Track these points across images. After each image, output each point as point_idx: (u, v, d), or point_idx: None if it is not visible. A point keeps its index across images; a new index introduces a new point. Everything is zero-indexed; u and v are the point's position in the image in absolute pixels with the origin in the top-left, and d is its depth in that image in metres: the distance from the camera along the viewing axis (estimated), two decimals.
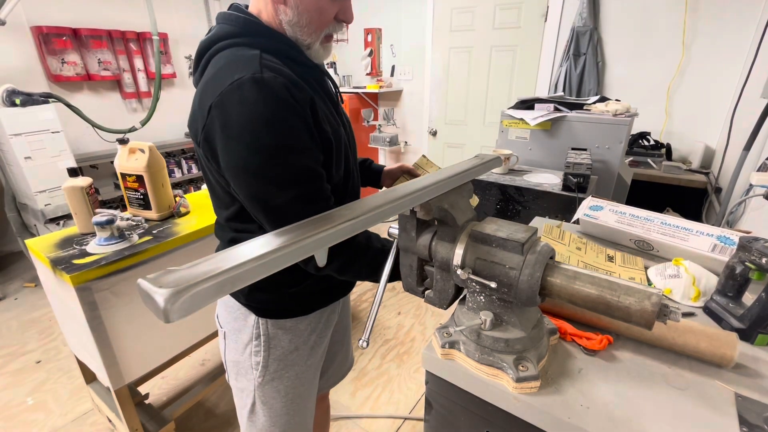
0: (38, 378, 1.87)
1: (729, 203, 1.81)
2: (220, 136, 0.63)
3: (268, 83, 0.62)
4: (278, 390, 0.86)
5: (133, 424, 1.31)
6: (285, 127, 0.63)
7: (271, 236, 0.40)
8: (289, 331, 0.84)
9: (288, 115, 0.63)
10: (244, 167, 0.64)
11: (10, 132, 2.38)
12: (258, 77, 0.61)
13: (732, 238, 0.83)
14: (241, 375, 0.87)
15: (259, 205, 0.67)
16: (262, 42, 0.69)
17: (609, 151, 1.74)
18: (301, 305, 0.84)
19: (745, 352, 0.64)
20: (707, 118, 2.39)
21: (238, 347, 0.85)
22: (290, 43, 0.72)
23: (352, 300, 2.49)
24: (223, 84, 0.62)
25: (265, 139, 0.61)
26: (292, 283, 0.79)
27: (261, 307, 0.81)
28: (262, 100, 0.61)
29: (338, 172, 0.76)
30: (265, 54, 0.67)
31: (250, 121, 0.61)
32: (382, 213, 0.48)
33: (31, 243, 1.24)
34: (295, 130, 0.64)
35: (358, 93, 3.60)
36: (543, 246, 0.57)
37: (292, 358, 0.85)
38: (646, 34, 2.47)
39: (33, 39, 2.94)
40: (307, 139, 0.66)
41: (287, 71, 0.66)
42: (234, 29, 0.70)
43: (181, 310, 0.30)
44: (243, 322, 0.83)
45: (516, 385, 0.56)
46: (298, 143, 0.65)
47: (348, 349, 1.14)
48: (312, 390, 0.93)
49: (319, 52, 0.75)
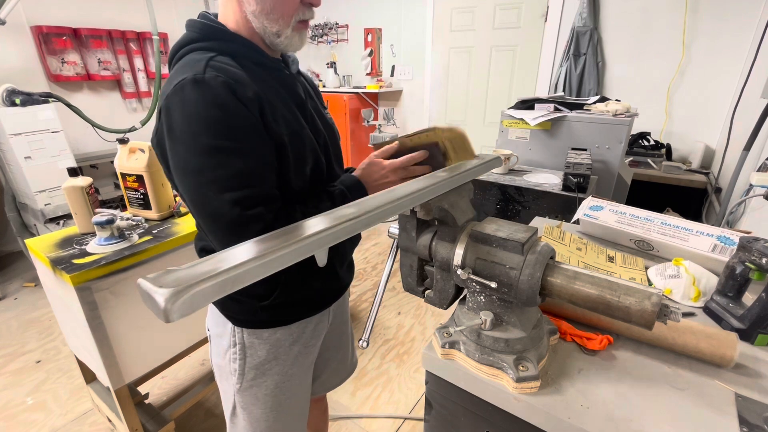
0: (38, 378, 1.87)
1: (729, 203, 1.81)
2: (167, 139, 0.64)
3: (208, 83, 0.61)
4: (257, 397, 0.85)
5: (133, 424, 1.31)
6: (223, 127, 0.61)
7: (271, 236, 0.40)
8: (266, 341, 0.82)
9: (227, 115, 0.62)
10: (184, 169, 0.63)
11: (10, 132, 2.38)
12: (199, 78, 0.61)
13: (732, 238, 0.83)
14: (223, 378, 0.87)
15: (197, 209, 0.65)
16: (219, 45, 0.69)
17: (609, 151, 1.74)
18: (276, 317, 0.81)
19: (745, 352, 0.64)
20: (707, 118, 2.39)
21: (220, 352, 0.85)
22: (249, 45, 0.72)
23: (351, 300, 2.49)
24: (169, 88, 0.63)
25: (202, 139, 0.60)
26: (261, 296, 0.76)
27: (236, 317, 0.80)
28: (202, 100, 0.60)
29: (300, 177, 0.73)
30: (220, 56, 0.67)
31: (189, 123, 0.61)
32: (382, 213, 0.48)
33: (31, 243, 1.24)
34: (236, 131, 0.62)
35: (358, 93, 3.60)
36: (543, 246, 0.57)
37: (270, 367, 0.84)
38: (646, 34, 2.47)
39: (33, 39, 2.94)
40: (252, 140, 0.64)
41: (235, 71, 0.65)
42: (194, 35, 0.71)
43: (181, 310, 0.30)
44: (223, 328, 0.82)
45: (516, 385, 0.56)
46: (239, 144, 0.62)
47: (346, 354, 1.11)
48: (297, 398, 0.91)
49: (293, 40, 0.74)
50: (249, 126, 0.63)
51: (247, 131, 0.63)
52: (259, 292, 0.76)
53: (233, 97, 0.62)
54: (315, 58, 4.17)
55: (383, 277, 0.71)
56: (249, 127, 0.63)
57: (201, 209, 0.64)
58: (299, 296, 0.81)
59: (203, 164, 0.61)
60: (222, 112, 0.61)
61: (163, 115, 0.63)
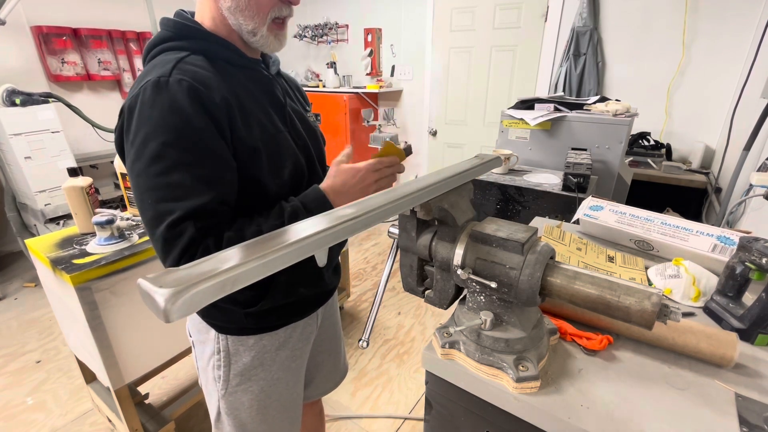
0: (38, 378, 1.87)
1: (729, 203, 1.81)
2: (124, 139, 0.64)
3: (170, 87, 0.60)
4: (242, 402, 0.83)
5: (133, 424, 1.31)
6: (174, 136, 0.59)
7: (271, 236, 0.40)
8: (251, 348, 0.80)
9: (182, 124, 0.60)
10: (130, 170, 0.62)
11: (10, 132, 2.38)
12: (162, 81, 0.60)
13: (732, 238, 0.83)
14: (207, 384, 0.86)
15: (140, 213, 0.63)
16: (192, 44, 0.68)
17: (609, 151, 1.74)
18: (261, 324, 0.80)
19: (745, 352, 0.64)
20: (707, 118, 2.39)
21: (204, 358, 0.83)
22: (224, 44, 0.70)
23: (351, 300, 2.49)
24: (135, 88, 0.63)
25: (152, 145, 0.59)
26: (247, 304, 0.74)
27: (220, 325, 0.79)
28: (159, 105, 0.59)
29: (277, 181, 0.71)
30: (193, 56, 0.66)
31: (144, 126, 0.60)
32: (382, 213, 0.48)
33: (31, 243, 1.24)
34: (186, 141, 0.60)
35: (358, 93, 3.60)
36: (543, 246, 0.57)
37: (255, 373, 0.82)
38: (646, 34, 2.47)
39: (33, 39, 2.94)
40: (203, 151, 0.62)
41: (204, 73, 0.64)
42: (168, 33, 0.70)
43: (181, 309, 0.30)
44: (206, 335, 0.81)
45: (516, 385, 0.56)
46: (185, 155, 0.60)
47: (338, 359, 1.09)
48: (286, 402, 0.89)
49: (269, 40, 0.71)
50: (204, 136, 0.61)
51: (198, 142, 0.61)
52: (245, 300, 0.73)
53: (194, 104, 0.60)
54: (315, 58, 4.17)
55: (383, 277, 0.71)
56: (203, 137, 0.61)
57: (141, 214, 0.63)
58: (285, 302, 0.78)
59: (147, 170, 0.60)
60: (177, 120, 0.59)
61: (125, 114, 0.63)
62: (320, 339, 0.98)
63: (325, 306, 0.94)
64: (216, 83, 0.65)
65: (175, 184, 0.60)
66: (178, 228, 0.59)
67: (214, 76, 0.66)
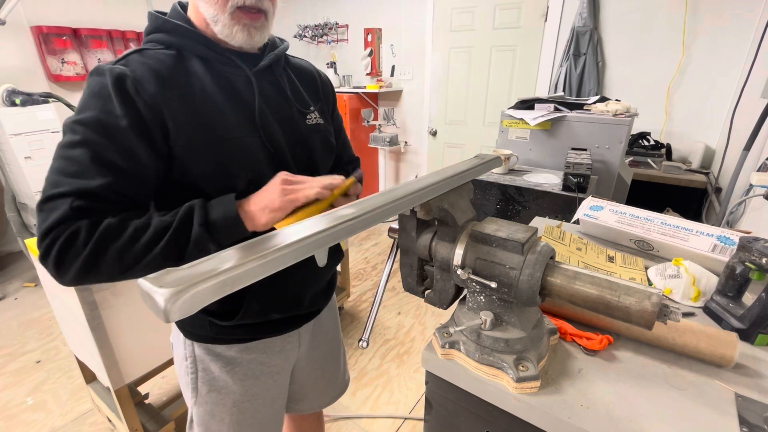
0: (38, 378, 1.87)
1: (729, 203, 1.81)
2: None
3: (104, 73, 0.60)
4: (213, 414, 0.80)
5: (133, 424, 1.31)
6: (89, 116, 0.59)
7: (271, 236, 0.40)
8: (219, 358, 0.77)
9: (101, 104, 0.59)
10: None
11: (10, 132, 2.38)
12: (103, 68, 0.61)
13: (732, 238, 0.83)
14: (183, 388, 0.83)
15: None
16: (169, 38, 0.68)
17: (609, 151, 1.74)
18: (230, 335, 0.76)
19: (745, 352, 0.64)
20: (707, 118, 2.39)
21: (178, 361, 0.82)
22: (196, 38, 0.68)
23: (351, 300, 2.49)
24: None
25: (70, 122, 0.60)
26: (223, 316, 0.71)
27: (187, 329, 0.76)
28: (89, 87, 0.61)
29: (226, 191, 0.64)
30: (162, 51, 0.66)
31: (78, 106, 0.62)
32: (382, 213, 0.48)
33: (31, 243, 1.24)
34: (95, 123, 0.59)
35: (358, 93, 3.60)
36: (543, 246, 0.57)
37: (225, 385, 0.78)
38: (646, 34, 2.47)
39: (33, 39, 2.94)
40: (125, 135, 0.59)
41: (154, 67, 0.62)
42: (149, 28, 0.70)
43: (181, 309, 0.30)
44: (177, 337, 0.79)
45: (516, 385, 0.56)
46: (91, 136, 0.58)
47: (335, 374, 1.04)
48: (263, 420, 0.86)
49: (232, 30, 0.67)
50: (120, 124, 0.59)
51: (110, 128, 0.59)
52: (215, 310, 0.70)
53: (120, 93, 0.59)
54: (315, 58, 4.17)
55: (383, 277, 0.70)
56: (119, 125, 0.59)
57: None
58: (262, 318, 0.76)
59: (60, 143, 0.60)
60: (98, 102, 0.59)
61: None
62: (314, 356, 0.95)
63: (314, 323, 0.90)
64: (162, 80, 0.62)
65: (74, 160, 0.58)
66: (55, 202, 0.56)
67: (168, 73, 0.64)
